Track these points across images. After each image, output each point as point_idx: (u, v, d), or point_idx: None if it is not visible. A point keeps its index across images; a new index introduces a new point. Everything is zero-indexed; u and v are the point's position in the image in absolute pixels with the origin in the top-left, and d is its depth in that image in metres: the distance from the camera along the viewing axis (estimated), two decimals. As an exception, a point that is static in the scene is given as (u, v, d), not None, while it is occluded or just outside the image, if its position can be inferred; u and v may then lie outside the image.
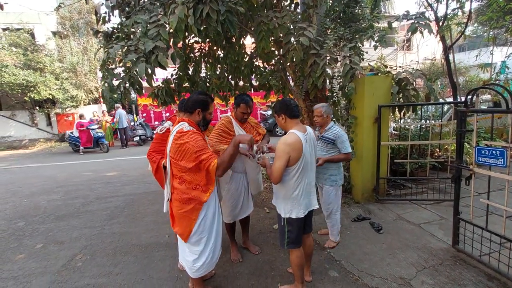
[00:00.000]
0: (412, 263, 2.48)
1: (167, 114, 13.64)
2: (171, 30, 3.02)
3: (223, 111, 13.85)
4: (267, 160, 2.04)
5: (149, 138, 11.74)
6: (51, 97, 10.94)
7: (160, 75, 4.64)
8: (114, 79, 3.30)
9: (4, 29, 11.96)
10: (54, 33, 12.82)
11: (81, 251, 3.00)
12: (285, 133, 2.01)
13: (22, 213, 4.22)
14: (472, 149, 4.75)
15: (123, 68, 3.40)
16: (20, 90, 10.29)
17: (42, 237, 3.37)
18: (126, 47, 3.08)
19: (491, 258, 2.31)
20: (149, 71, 2.89)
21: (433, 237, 2.88)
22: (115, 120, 10.68)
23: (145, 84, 3.53)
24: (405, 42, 17.11)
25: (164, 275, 2.51)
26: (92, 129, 9.69)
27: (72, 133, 9.83)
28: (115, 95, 3.26)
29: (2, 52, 10.51)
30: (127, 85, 3.30)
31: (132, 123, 11.96)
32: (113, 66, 3.39)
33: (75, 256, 2.90)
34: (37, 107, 12.14)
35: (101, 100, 13.62)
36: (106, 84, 3.32)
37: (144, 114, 13.38)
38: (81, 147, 9.64)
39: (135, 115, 14.01)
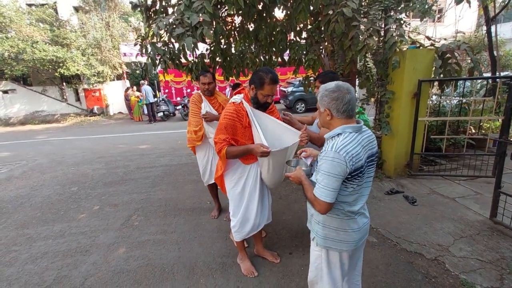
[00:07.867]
0: (449, 232, 2.59)
1: (188, 90, 13.78)
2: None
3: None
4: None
5: (172, 114, 12.03)
6: (79, 73, 11.29)
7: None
8: (157, 54, 3.40)
9: (29, 5, 12.17)
10: (76, 8, 12.92)
11: (135, 212, 3.33)
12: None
13: (72, 179, 4.63)
14: None
15: (161, 43, 3.49)
16: (50, 66, 10.66)
17: (97, 200, 3.73)
18: (168, 21, 3.13)
19: (530, 230, 2.39)
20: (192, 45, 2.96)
21: (469, 210, 2.96)
22: (141, 96, 11.04)
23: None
24: (436, 12, 15.92)
25: (213, 234, 2.78)
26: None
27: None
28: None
29: (31, 28, 10.78)
30: (168, 59, 3.43)
31: (156, 99, 12.23)
32: (155, 40, 3.49)
33: (130, 217, 3.23)
34: (65, 83, 12.60)
35: (124, 76, 13.90)
36: (149, 59, 3.46)
37: (166, 91, 13.59)
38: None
39: (157, 91, 14.26)
